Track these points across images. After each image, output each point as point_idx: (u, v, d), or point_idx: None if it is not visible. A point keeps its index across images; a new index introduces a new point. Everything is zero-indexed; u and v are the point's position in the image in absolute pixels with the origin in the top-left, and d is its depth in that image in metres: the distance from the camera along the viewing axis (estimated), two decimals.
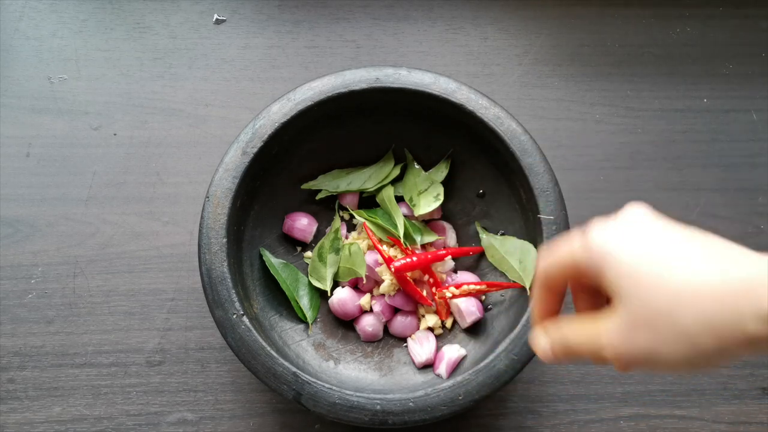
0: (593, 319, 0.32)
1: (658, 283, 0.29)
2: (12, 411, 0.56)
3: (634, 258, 0.30)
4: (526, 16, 0.69)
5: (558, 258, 0.34)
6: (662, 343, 0.29)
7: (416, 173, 0.58)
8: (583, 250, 0.32)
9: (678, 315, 0.28)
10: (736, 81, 0.67)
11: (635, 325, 0.29)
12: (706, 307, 0.27)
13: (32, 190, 0.62)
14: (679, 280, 0.28)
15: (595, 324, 0.32)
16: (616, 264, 0.30)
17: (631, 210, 0.33)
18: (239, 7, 0.68)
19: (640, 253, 0.30)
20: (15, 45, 0.66)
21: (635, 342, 0.29)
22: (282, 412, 0.56)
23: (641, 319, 0.29)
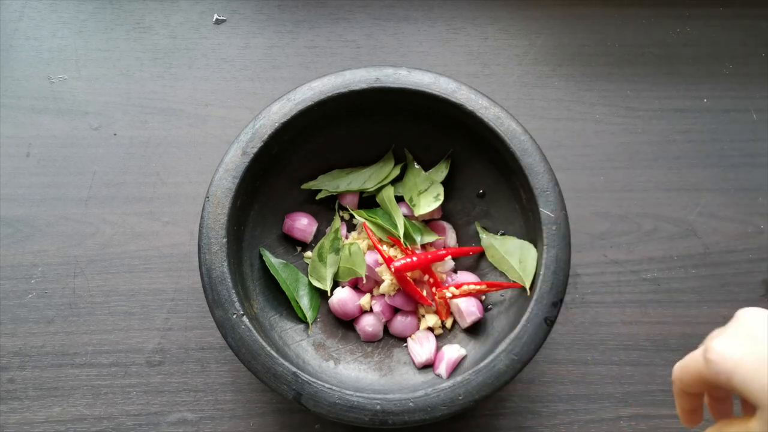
0: (738, 424, 0.35)
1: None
2: (12, 411, 0.56)
3: (753, 363, 0.32)
4: (526, 16, 0.69)
5: (688, 374, 0.36)
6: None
7: (416, 173, 0.58)
8: (707, 368, 0.34)
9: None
10: (736, 81, 0.67)
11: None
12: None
13: (32, 190, 0.62)
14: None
15: (745, 426, 0.34)
16: (740, 376, 0.32)
17: (744, 317, 0.35)
18: (239, 7, 0.68)
19: (759, 357, 0.32)
20: (15, 45, 0.66)
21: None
22: (282, 412, 0.56)
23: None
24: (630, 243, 0.62)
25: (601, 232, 0.62)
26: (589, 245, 0.62)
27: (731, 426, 0.35)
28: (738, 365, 0.32)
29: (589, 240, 0.62)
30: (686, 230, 0.62)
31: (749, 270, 0.61)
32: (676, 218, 0.63)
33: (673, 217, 0.63)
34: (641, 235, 0.62)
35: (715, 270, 0.61)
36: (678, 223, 0.63)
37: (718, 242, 0.62)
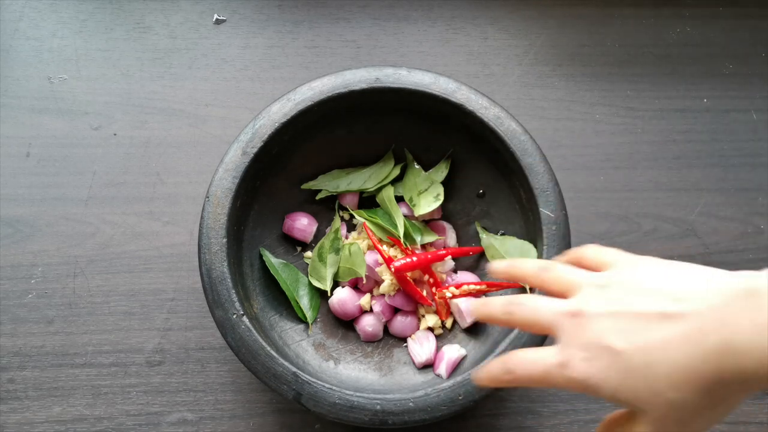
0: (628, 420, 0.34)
1: (652, 386, 0.30)
2: (12, 411, 0.56)
3: (615, 375, 0.31)
4: (526, 16, 0.69)
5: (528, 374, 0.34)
6: (690, 425, 0.31)
7: (416, 173, 0.58)
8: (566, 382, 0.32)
9: (685, 401, 0.30)
10: (736, 81, 0.67)
11: (660, 423, 0.31)
12: (705, 387, 0.29)
13: (32, 190, 0.62)
14: (665, 375, 0.30)
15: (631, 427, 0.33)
16: (606, 388, 0.31)
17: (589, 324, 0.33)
18: (239, 7, 0.68)
19: (617, 368, 0.31)
20: (15, 45, 0.66)
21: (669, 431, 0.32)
22: (282, 412, 0.56)
23: (660, 418, 0.31)
24: (630, 243, 0.62)
25: (601, 232, 0.62)
26: None
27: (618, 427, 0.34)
28: (603, 381, 0.31)
29: (589, 240, 0.62)
30: (686, 230, 0.62)
31: (749, 270, 0.61)
32: (676, 218, 0.63)
33: (673, 217, 0.63)
34: (641, 235, 0.62)
35: None
36: (678, 223, 0.63)
37: (718, 242, 0.62)
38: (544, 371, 0.33)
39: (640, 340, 0.30)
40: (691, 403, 0.30)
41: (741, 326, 0.28)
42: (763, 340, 0.27)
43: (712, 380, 0.29)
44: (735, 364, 0.28)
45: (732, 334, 0.28)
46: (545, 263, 0.37)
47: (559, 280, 0.36)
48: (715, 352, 0.28)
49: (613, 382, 0.31)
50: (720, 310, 0.29)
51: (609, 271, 0.35)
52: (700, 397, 0.29)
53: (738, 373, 0.28)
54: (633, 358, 0.30)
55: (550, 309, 0.34)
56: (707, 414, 0.30)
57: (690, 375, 0.29)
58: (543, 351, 0.33)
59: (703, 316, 0.29)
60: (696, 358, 0.29)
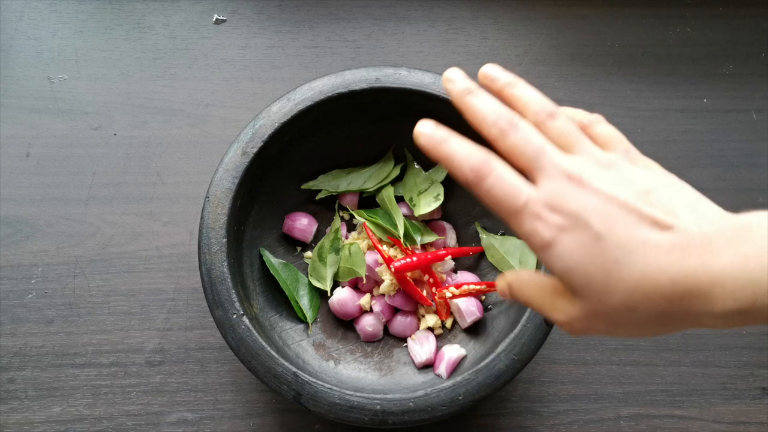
0: (553, 291, 0.32)
1: (609, 282, 0.28)
2: (12, 411, 0.56)
3: (582, 254, 0.29)
4: (526, 16, 0.69)
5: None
6: (618, 329, 0.30)
7: (416, 173, 0.58)
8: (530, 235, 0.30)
9: (633, 311, 0.29)
10: (736, 81, 0.67)
11: (592, 316, 0.30)
12: (661, 306, 0.28)
13: (32, 190, 0.62)
14: (631, 280, 0.28)
15: (554, 299, 0.32)
16: (563, 261, 0.29)
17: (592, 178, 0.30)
18: (239, 7, 0.68)
19: (587, 247, 0.29)
20: (15, 45, 0.66)
21: (592, 326, 0.31)
22: (282, 412, 0.56)
23: (596, 312, 0.30)
24: None
25: None
26: None
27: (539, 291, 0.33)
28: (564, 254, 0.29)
29: None
30: None
31: None
32: None
33: None
34: None
35: None
36: None
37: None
38: (514, 206, 0.30)
39: (622, 234, 0.28)
40: (636, 315, 0.29)
41: (723, 255, 0.27)
42: (739, 270, 0.26)
43: (674, 303, 0.28)
44: (705, 292, 0.27)
45: (713, 262, 0.27)
46: (552, 107, 0.33)
47: (564, 132, 0.32)
48: (691, 275, 0.27)
49: (573, 259, 0.29)
50: (709, 236, 0.28)
51: (615, 154, 0.32)
52: (649, 314, 0.28)
53: (705, 303, 0.27)
54: (607, 247, 0.28)
55: (551, 154, 0.30)
56: (641, 329, 0.30)
57: (655, 289, 0.28)
58: (525, 184, 0.30)
59: (692, 237, 0.28)
60: (669, 274, 0.28)
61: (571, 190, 0.29)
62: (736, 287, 0.26)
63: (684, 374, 0.58)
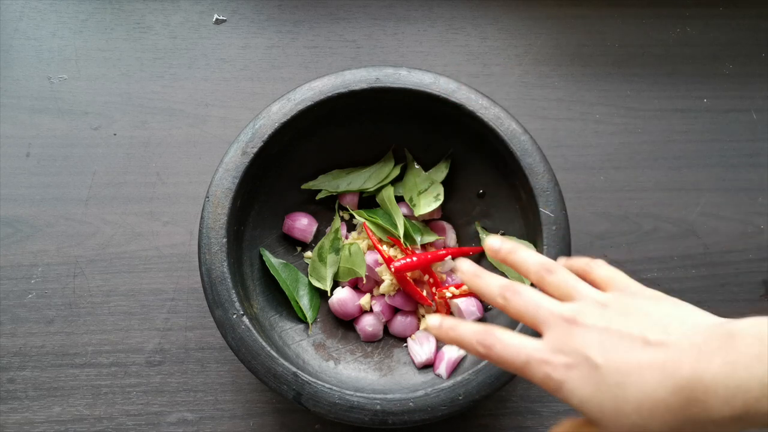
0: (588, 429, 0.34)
1: (618, 407, 0.31)
2: (12, 411, 0.56)
3: (588, 387, 0.32)
4: (526, 16, 0.69)
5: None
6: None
7: (416, 173, 0.58)
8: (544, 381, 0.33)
9: (647, 428, 0.30)
10: (736, 81, 0.67)
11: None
12: (666, 419, 0.30)
13: (32, 190, 0.62)
14: (634, 400, 0.30)
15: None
16: (576, 396, 0.32)
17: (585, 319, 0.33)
18: (239, 7, 0.68)
19: (592, 381, 0.32)
20: (15, 45, 0.66)
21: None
22: (282, 412, 0.56)
23: None
24: (630, 243, 0.62)
25: (601, 232, 0.62)
26: (589, 245, 0.62)
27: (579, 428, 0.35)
28: (576, 389, 0.32)
29: (589, 240, 0.62)
30: (686, 230, 0.62)
31: (749, 270, 0.61)
32: (676, 218, 0.63)
33: (673, 217, 0.63)
34: (641, 235, 0.62)
35: (715, 270, 0.61)
36: (678, 223, 0.63)
37: (718, 242, 0.62)
38: (525, 361, 0.33)
39: (618, 360, 0.31)
40: (649, 430, 0.30)
41: (712, 363, 0.29)
42: (729, 378, 0.28)
43: (678, 414, 0.29)
44: (701, 401, 0.28)
45: (703, 370, 0.29)
46: (549, 264, 0.37)
47: (561, 285, 0.36)
48: (686, 385, 0.29)
49: (584, 393, 0.32)
50: (698, 346, 0.30)
51: (612, 293, 0.35)
52: (662, 428, 0.30)
53: (703, 411, 0.29)
54: (608, 375, 0.31)
55: (548, 307, 0.34)
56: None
57: (658, 404, 0.30)
58: (527, 340, 0.34)
59: (682, 350, 0.30)
60: (666, 388, 0.29)
61: (570, 332, 0.33)
62: (728, 395, 0.28)
63: None
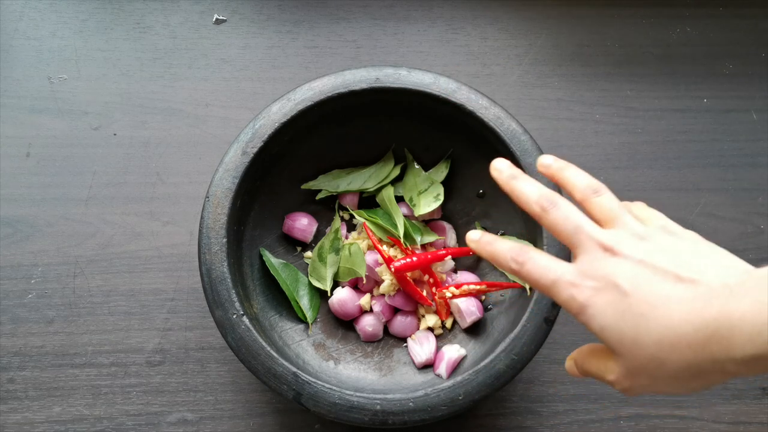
0: (604, 356, 0.35)
1: (638, 337, 0.31)
2: (12, 411, 0.56)
3: (612, 313, 0.32)
4: (526, 16, 0.69)
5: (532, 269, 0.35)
6: (658, 381, 0.32)
7: (416, 173, 0.58)
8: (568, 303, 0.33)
9: (665, 362, 0.31)
10: (736, 81, 0.67)
11: (633, 371, 0.32)
12: (687, 356, 0.30)
13: (32, 190, 0.62)
14: (657, 332, 0.31)
15: (605, 363, 0.34)
16: (597, 321, 0.32)
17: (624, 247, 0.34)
18: (239, 7, 0.68)
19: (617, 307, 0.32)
20: (15, 45, 0.66)
21: (636, 382, 0.33)
22: (282, 412, 0.56)
23: (636, 366, 0.32)
24: None
25: None
26: None
27: (594, 358, 0.35)
28: (599, 314, 0.32)
29: None
30: None
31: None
32: (676, 218, 0.62)
33: (673, 217, 0.62)
34: None
35: None
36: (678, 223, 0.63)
37: (718, 242, 0.61)
38: (554, 280, 0.34)
39: (647, 291, 0.31)
40: (668, 366, 0.30)
41: (743, 302, 0.29)
42: (758, 316, 0.28)
43: (698, 351, 0.29)
44: (726, 338, 0.28)
45: (733, 308, 0.29)
46: (598, 185, 0.37)
47: (606, 208, 0.36)
48: (712, 322, 0.29)
49: (606, 319, 0.32)
50: (729, 286, 0.30)
51: (652, 228, 0.35)
52: (680, 364, 0.30)
53: (725, 349, 0.28)
54: (634, 304, 0.31)
55: (588, 230, 0.34)
56: (679, 382, 0.31)
57: (680, 339, 0.30)
58: (558, 263, 0.34)
59: (713, 289, 0.30)
60: (692, 323, 0.29)
61: (604, 259, 0.33)
62: (753, 332, 0.28)
63: None
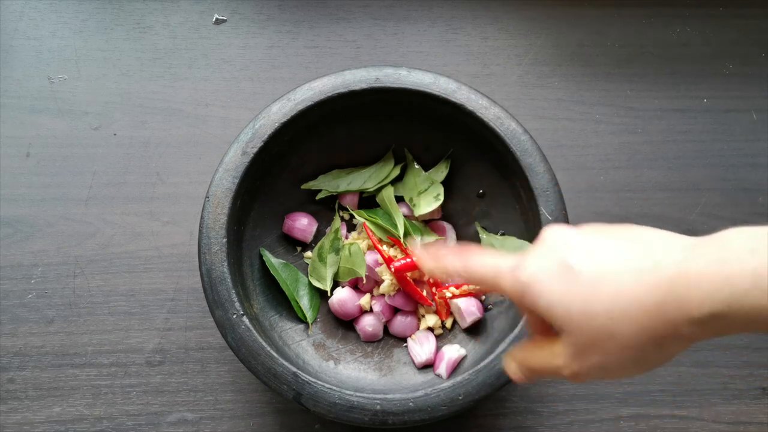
0: (548, 344, 0.33)
1: (587, 308, 0.30)
2: (12, 411, 0.56)
3: (559, 286, 0.31)
4: (526, 16, 0.69)
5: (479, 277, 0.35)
6: (610, 357, 0.30)
7: (416, 173, 0.58)
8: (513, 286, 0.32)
9: (616, 332, 0.29)
10: (736, 81, 0.67)
11: (582, 348, 0.31)
12: (640, 320, 0.29)
13: (32, 190, 0.62)
14: (607, 299, 0.29)
15: (550, 349, 0.33)
16: (544, 298, 0.31)
17: (548, 234, 0.33)
18: (239, 7, 0.68)
19: (564, 281, 0.30)
20: (15, 45, 0.66)
21: (586, 362, 0.31)
22: (282, 412, 0.56)
23: (585, 342, 0.30)
24: None
25: None
26: None
27: (536, 350, 0.34)
28: (545, 291, 0.31)
29: None
30: (686, 230, 0.62)
31: None
32: (676, 218, 0.63)
33: (673, 217, 0.63)
34: None
35: None
36: (678, 223, 0.63)
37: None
38: (495, 271, 0.33)
39: (596, 263, 0.30)
40: (620, 336, 0.29)
41: (700, 260, 0.28)
42: (717, 273, 0.27)
43: (653, 313, 0.28)
44: (682, 296, 0.27)
45: (688, 266, 0.28)
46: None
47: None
48: (666, 281, 0.28)
49: (553, 294, 0.31)
50: (684, 247, 0.29)
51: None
52: (632, 330, 0.29)
53: (681, 308, 0.27)
54: (582, 275, 0.30)
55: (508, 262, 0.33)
56: (632, 354, 0.30)
57: (632, 303, 0.29)
58: (502, 255, 0.34)
59: (666, 252, 0.29)
60: (644, 284, 0.28)
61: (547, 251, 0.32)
62: (711, 289, 0.27)
63: (684, 374, 0.58)
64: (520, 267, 0.32)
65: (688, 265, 0.28)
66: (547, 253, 0.32)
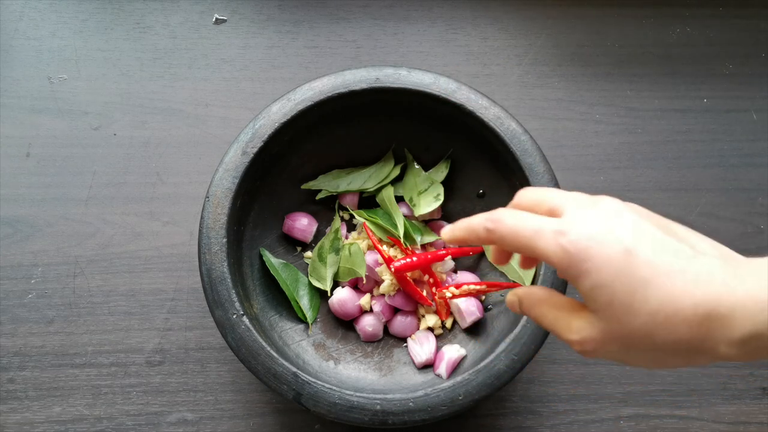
0: (567, 310, 0.32)
1: (633, 304, 0.28)
2: (12, 411, 0.56)
3: (611, 270, 0.28)
4: (526, 16, 0.69)
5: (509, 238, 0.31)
6: (634, 355, 0.30)
7: (416, 173, 0.58)
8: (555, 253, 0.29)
9: (654, 335, 0.28)
10: (736, 81, 0.67)
11: (610, 339, 0.29)
12: (680, 332, 0.28)
13: (32, 190, 0.62)
14: (656, 301, 0.28)
15: (568, 318, 0.31)
16: (591, 278, 0.29)
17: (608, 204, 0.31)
18: (239, 7, 0.68)
19: (618, 266, 0.28)
20: (15, 45, 0.66)
21: (607, 350, 0.30)
22: (282, 412, 0.56)
23: (617, 335, 0.29)
24: None
25: None
26: None
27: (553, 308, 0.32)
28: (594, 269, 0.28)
29: None
30: None
31: None
32: (676, 218, 0.62)
33: (673, 217, 0.62)
34: None
35: None
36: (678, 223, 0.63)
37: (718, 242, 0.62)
38: (536, 230, 0.30)
39: (652, 254, 0.28)
40: (655, 340, 0.28)
41: (746, 281, 0.27)
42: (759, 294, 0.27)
43: (694, 328, 0.28)
44: (725, 316, 0.27)
45: (736, 286, 0.27)
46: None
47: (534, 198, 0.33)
48: (714, 299, 0.27)
49: (602, 276, 0.28)
50: (734, 265, 0.29)
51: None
52: (669, 339, 0.28)
53: (722, 327, 0.27)
54: (638, 266, 0.28)
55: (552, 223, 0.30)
56: (657, 356, 0.29)
57: (677, 313, 0.28)
58: (538, 216, 0.31)
59: (715, 266, 0.28)
60: (693, 297, 0.28)
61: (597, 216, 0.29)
62: (756, 310, 0.27)
63: (684, 374, 0.58)
64: (567, 232, 0.29)
65: (737, 285, 0.28)
66: (607, 225, 0.29)
